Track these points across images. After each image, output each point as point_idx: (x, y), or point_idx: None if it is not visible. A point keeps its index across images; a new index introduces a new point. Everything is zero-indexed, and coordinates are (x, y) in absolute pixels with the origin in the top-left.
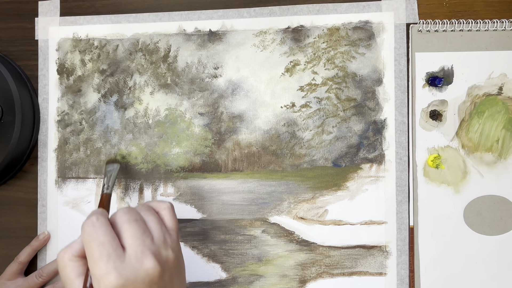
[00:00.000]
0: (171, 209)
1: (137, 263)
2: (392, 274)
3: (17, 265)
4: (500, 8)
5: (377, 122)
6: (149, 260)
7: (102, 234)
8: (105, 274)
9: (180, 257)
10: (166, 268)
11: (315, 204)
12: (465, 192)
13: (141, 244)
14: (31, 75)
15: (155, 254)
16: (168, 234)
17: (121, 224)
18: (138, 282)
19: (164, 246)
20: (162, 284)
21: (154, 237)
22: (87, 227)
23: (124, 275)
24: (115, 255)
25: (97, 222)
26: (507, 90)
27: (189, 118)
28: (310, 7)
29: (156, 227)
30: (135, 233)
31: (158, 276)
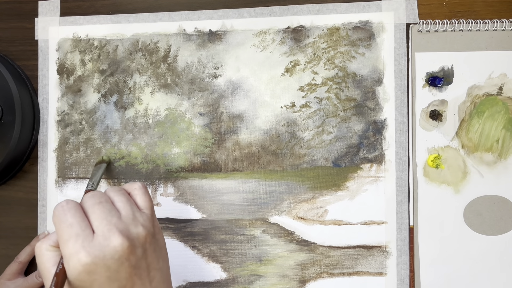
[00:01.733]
0: (142, 188)
1: (105, 241)
2: (392, 274)
3: (17, 265)
4: (500, 8)
5: (377, 122)
6: (116, 237)
7: (71, 216)
8: (73, 253)
9: (156, 234)
10: (138, 244)
11: (315, 204)
12: (465, 192)
13: (107, 223)
14: (31, 75)
15: (122, 231)
16: (140, 213)
17: (87, 208)
18: (107, 259)
19: (133, 223)
20: (134, 259)
21: (122, 215)
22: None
23: (92, 253)
24: (84, 235)
25: (66, 205)
26: (507, 90)
27: (189, 118)
28: (310, 7)
29: (125, 206)
30: (100, 214)
31: (128, 251)
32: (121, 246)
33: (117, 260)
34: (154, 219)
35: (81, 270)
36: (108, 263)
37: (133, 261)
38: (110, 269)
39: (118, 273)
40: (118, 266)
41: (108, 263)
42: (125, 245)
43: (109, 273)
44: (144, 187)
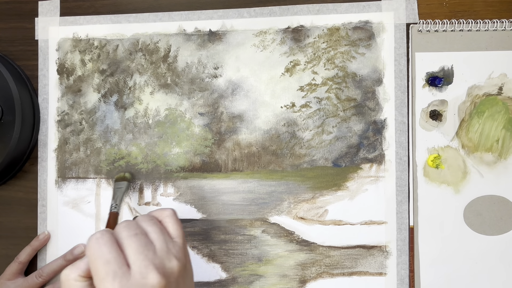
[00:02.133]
0: (174, 215)
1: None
2: (392, 274)
3: (17, 265)
4: (500, 8)
5: (377, 122)
6: (153, 275)
7: (107, 252)
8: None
9: (187, 264)
10: (172, 279)
11: (315, 204)
12: (465, 192)
13: (144, 258)
14: (31, 75)
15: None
16: (172, 243)
17: (122, 240)
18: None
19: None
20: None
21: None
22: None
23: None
24: (121, 273)
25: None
26: (507, 90)
27: (189, 118)
28: (310, 7)
29: (159, 238)
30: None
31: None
32: (158, 284)
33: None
34: (185, 248)
35: None
36: None
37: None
38: None
39: None
40: None
41: None
42: (162, 283)
43: None
44: (175, 214)
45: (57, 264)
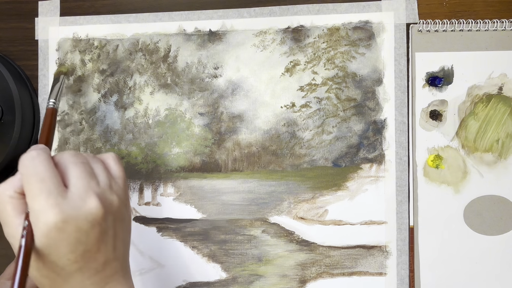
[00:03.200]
0: (116, 158)
1: (80, 201)
2: (392, 274)
3: None
4: (500, 8)
5: (377, 122)
6: (93, 200)
7: (43, 170)
8: (45, 210)
9: (127, 206)
10: (110, 212)
11: (315, 204)
12: (465, 192)
13: (86, 184)
14: (31, 75)
15: (99, 195)
16: (114, 181)
17: (66, 164)
18: (80, 219)
19: (109, 191)
20: (105, 226)
21: (100, 181)
22: (26, 162)
23: (66, 211)
24: (56, 192)
25: (37, 157)
26: (507, 90)
27: (189, 118)
28: (310, 7)
29: (103, 173)
30: (80, 174)
31: (101, 217)
32: (96, 209)
33: (90, 222)
34: (126, 190)
35: (51, 227)
36: (80, 224)
37: (103, 227)
38: (80, 230)
39: (87, 236)
40: (89, 229)
41: (80, 224)
42: (100, 209)
43: (79, 234)
44: (117, 157)
45: None
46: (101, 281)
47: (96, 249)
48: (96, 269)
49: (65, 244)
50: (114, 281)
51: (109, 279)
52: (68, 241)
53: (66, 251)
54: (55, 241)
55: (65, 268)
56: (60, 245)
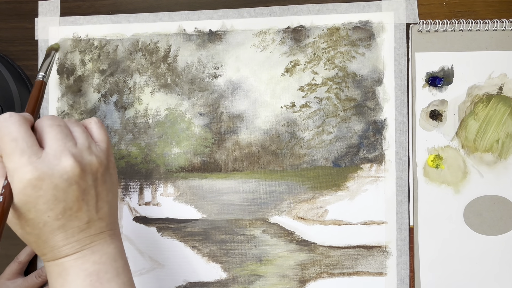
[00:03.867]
0: (98, 123)
1: (55, 160)
2: (392, 274)
3: (17, 265)
4: (500, 8)
5: (377, 122)
6: (67, 159)
7: (15, 130)
8: (18, 167)
9: (110, 169)
10: (89, 171)
11: (315, 204)
12: (465, 192)
13: (61, 144)
14: (31, 75)
15: (75, 155)
16: (95, 144)
17: (43, 127)
18: (55, 177)
19: (87, 151)
20: (84, 185)
21: (78, 143)
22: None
23: (40, 168)
24: (30, 151)
25: (10, 118)
26: (507, 90)
27: (189, 118)
28: (310, 7)
29: (81, 136)
30: (56, 135)
31: (77, 175)
32: (71, 167)
33: (66, 180)
34: (109, 153)
35: (26, 184)
36: (55, 181)
37: (82, 186)
38: (57, 187)
39: (65, 193)
40: (66, 187)
41: (56, 181)
42: (76, 168)
43: (55, 191)
44: (100, 122)
45: None
46: (86, 239)
47: (77, 207)
48: (79, 227)
49: (43, 201)
50: (100, 239)
51: (95, 237)
52: (45, 198)
53: (45, 208)
54: (32, 198)
55: (47, 224)
56: (38, 202)
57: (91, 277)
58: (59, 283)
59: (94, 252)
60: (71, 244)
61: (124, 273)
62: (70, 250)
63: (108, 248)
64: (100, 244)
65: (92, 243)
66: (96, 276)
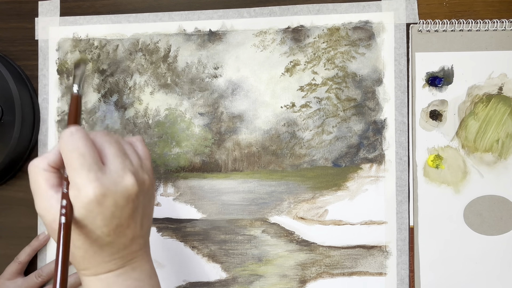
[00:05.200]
0: (142, 140)
1: (118, 178)
2: (392, 274)
3: (17, 265)
4: (500, 8)
5: (377, 122)
6: (129, 177)
7: (83, 145)
8: (86, 183)
9: (154, 186)
10: (142, 190)
11: (315, 204)
12: (465, 192)
13: (122, 162)
14: (31, 75)
15: (134, 173)
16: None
17: (101, 143)
18: (117, 195)
19: (141, 170)
20: (137, 203)
21: (132, 160)
22: (66, 137)
23: (106, 185)
24: (96, 167)
25: (76, 134)
26: (507, 90)
27: (189, 118)
28: (310, 7)
29: (133, 154)
30: (116, 152)
31: (135, 194)
32: (132, 186)
33: (126, 198)
34: (152, 170)
35: (92, 200)
36: (117, 199)
37: (136, 204)
38: (117, 205)
39: (122, 211)
40: (124, 204)
41: (117, 199)
42: (136, 186)
43: (115, 208)
44: (143, 140)
45: None
46: (128, 255)
47: (127, 224)
48: (125, 244)
49: (102, 217)
50: (139, 256)
51: (135, 254)
52: (104, 215)
53: (102, 224)
54: (93, 214)
55: (98, 240)
56: (97, 218)
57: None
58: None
59: (134, 269)
60: (115, 260)
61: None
62: (113, 266)
63: (145, 265)
64: (138, 261)
65: (133, 260)
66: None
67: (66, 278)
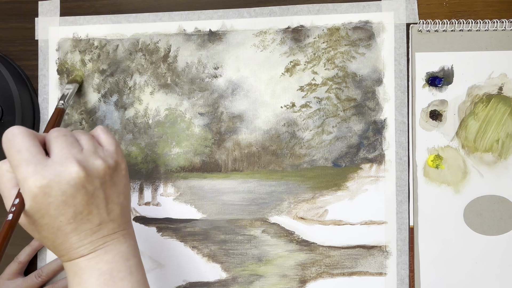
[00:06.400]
0: (105, 128)
1: (60, 167)
2: (392, 274)
3: (17, 265)
4: (500, 8)
5: (377, 122)
6: (72, 165)
7: (20, 142)
8: (27, 177)
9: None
10: (96, 175)
11: (315, 204)
12: (465, 192)
13: (66, 152)
14: (31, 75)
15: (80, 161)
16: (101, 148)
17: (49, 139)
18: (62, 183)
19: (93, 156)
20: (91, 189)
21: (84, 149)
22: (4, 137)
23: (47, 176)
24: (35, 160)
25: (16, 130)
26: (507, 90)
27: (189, 118)
28: (310, 7)
29: (88, 142)
30: (61, 143)
31: (84, 180)
32: (76, 173)
33: (73, 186)
34: (118, 156)
35: (36, 192)
36: (63, 188)
37: (90, 190)
38: (65, 193)
39: (74, 198)
40: (74, 192)
41: (64, 187)
42: (81, 173)
43: (64, 197)
44: (106, 128)
45: (56, 264)
46: (99, 240)
47: (87, 211)
48: (92, 230)
49: (54, 207)
50: (113, 239)
51: (107, 238)
52: (55, 204)
53: (56, 213)
54: (44, 205)
55: (60, 229)
56: (49, 208)
57: (105, 275)
58: (76, 282)
59: (107, 252)
60: (85, 246)
61: (137, 272)
62: (84, 251)
63: (121, 248)
64: (113, 244)
65: (105, 244)
66: (109, 275)
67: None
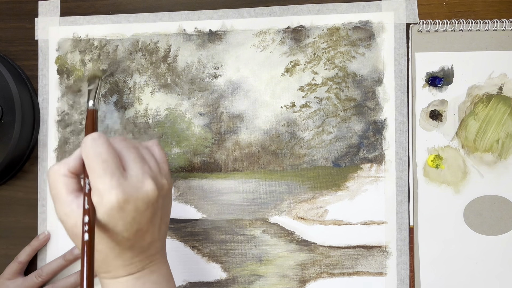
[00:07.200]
0: (159, 144)
1: (139, 183)
2: (392, 274)
3: (17, 265)
4: (500, 8)
5: (377, 122)
6: (149, 183)
7: (105, 152)
8: (109, 189)
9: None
10: (161, 194)
11: (315, 204)
12: (465, 192)
13: (141, 167)
14: (31, 75)
15: (153, 178)
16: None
17: (120, 149)
18: (138, 200)
19: (160, 175)
20: (156, 208)
21: (151, 165)
22: (88, 143)
23: (128, 192)
24: (118, 173)
25: (99, 140)
26: (507, 90)
27: (189, 118)
28: (310, 7)
29: (151, 159)
30: (134, 158)
31: (155, 199)
32: (152, 191)
33: (146, 203)
34: (169, 174)
35: (114, 206)
36: (138, 204)
37: (155, 208)
38: (137, 210)
39: (142, 216)
40: (145, 209)
41: (138, 204)
42: (155, 192)
43: (136, 213)
44: (159, 143)
45: (57, 264)
46: (146, 259)
47: (146, 228)
48: (143, 248)
49: (123, 222)
50: (156, 259)
51: (153, 257)
52: (126, 220)
53: (123, 229)
54: (115, 219)
55: (119, 244)
56: (118, 223)
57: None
58: None
59: (152, 272)
60: (134, 264)
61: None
62: (133, 269)
63: (162, 269)
64: (156, 264)
65: (151, 263)
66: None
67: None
